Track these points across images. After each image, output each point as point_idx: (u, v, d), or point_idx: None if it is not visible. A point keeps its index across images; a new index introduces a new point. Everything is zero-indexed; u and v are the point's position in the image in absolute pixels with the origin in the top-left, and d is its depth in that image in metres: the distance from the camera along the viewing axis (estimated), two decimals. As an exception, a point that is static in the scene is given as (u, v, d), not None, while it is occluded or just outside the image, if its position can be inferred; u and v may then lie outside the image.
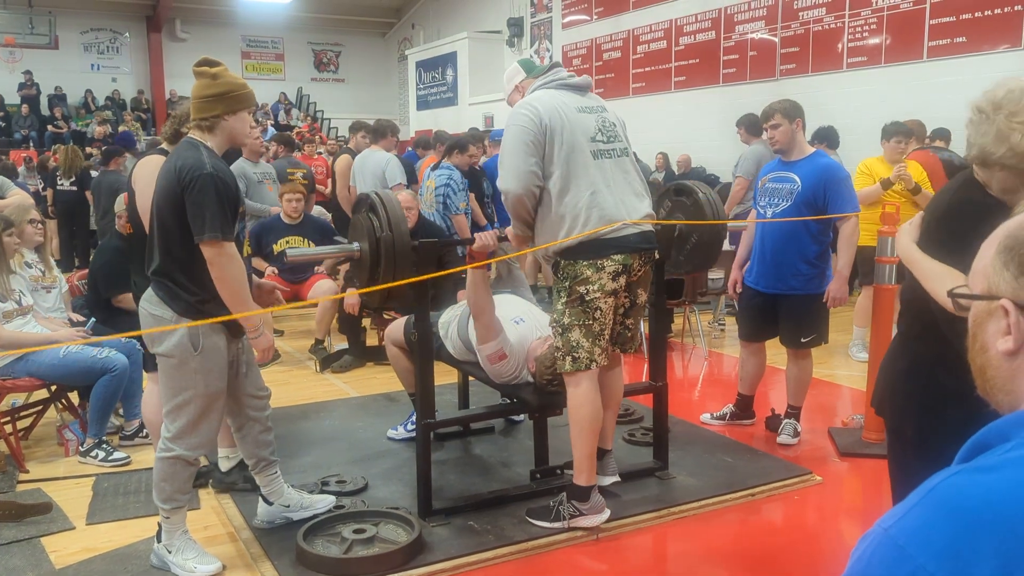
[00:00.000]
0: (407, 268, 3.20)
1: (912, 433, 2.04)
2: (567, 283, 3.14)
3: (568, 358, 3.17)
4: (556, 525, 3.25)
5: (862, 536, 0.80)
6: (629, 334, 3.42)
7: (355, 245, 3.35)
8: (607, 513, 3.28)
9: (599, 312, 3.13)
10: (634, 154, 3.40)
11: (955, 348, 0.96)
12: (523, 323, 3.68)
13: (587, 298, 3.11)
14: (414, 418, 4.29)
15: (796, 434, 4.35)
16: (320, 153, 11.20)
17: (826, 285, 4.14)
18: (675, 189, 3.99)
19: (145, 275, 3.00)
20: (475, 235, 3.57)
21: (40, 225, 4.65)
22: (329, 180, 9.25)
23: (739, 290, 4.48)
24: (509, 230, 3.39)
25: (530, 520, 3.32)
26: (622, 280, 3.15)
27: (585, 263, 3.10)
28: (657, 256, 3.37)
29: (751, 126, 7.23)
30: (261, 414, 3.26)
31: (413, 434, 4.30)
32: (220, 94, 2.92)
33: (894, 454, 2.18)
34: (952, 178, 2.16)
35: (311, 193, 8.19)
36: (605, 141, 3.17)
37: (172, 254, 2.87)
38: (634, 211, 3.16)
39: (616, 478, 3.59)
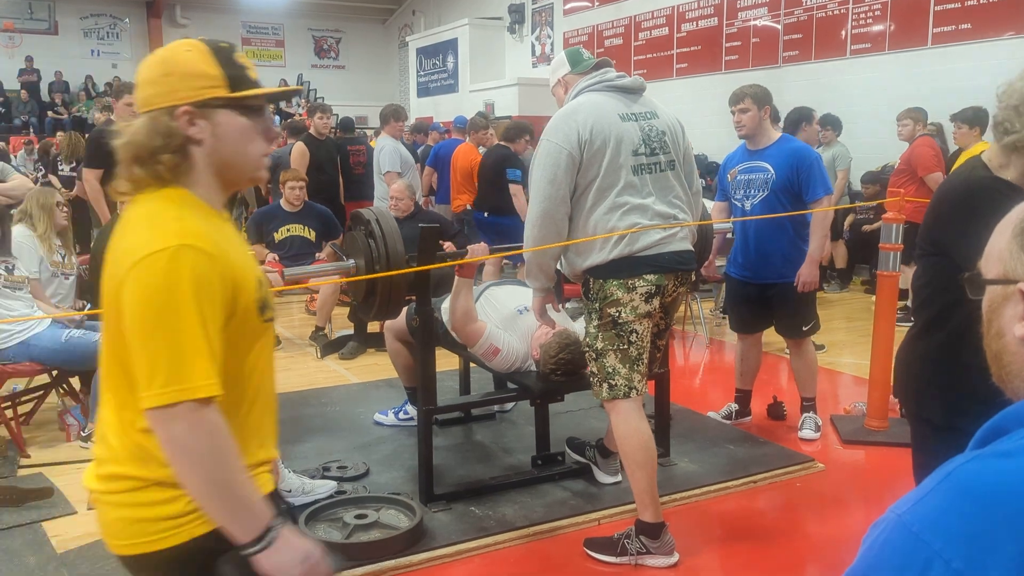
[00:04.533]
0: (402, 290, 3.25)
1: (937, 417, 2.02)
2: (597, 304, 2.92)
3: (604, 385, 2.94)
4: (621, 560, 2.98)
5: (874, 523, 0.79)
6: (658, 355, 3.24)
7: (351, 263, 3.42)
8: (676, 557, 3.01)
9: (635, 335, 2.90)
10: (690, 148, 3.15)
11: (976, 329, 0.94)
12: (527, 312, 3.65)
13: (619, 320, 2.88)
14: (406, 407, 4.30)
15: (818, 428, 4.27)
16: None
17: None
18: None
19: None
20: (469, 247, 3.57)
21: (66, 208, 4.65)
22: None
23: (715, 270, 4.61)
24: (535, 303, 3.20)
25: (589, 552, 3.05)
26: (656, 302, 2.91)
27: (615, 283, 2.86)
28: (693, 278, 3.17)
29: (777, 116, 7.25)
30: None
31: (400, 422, 4.33)
32: None
33: (918, 439, 2.16)
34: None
35: None
36: (648, 154, 2.90)
37: None
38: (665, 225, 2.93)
39: (618, 478, 3.56)
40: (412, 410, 4.23)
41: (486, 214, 7.05)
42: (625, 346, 2.91)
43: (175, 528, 1.35)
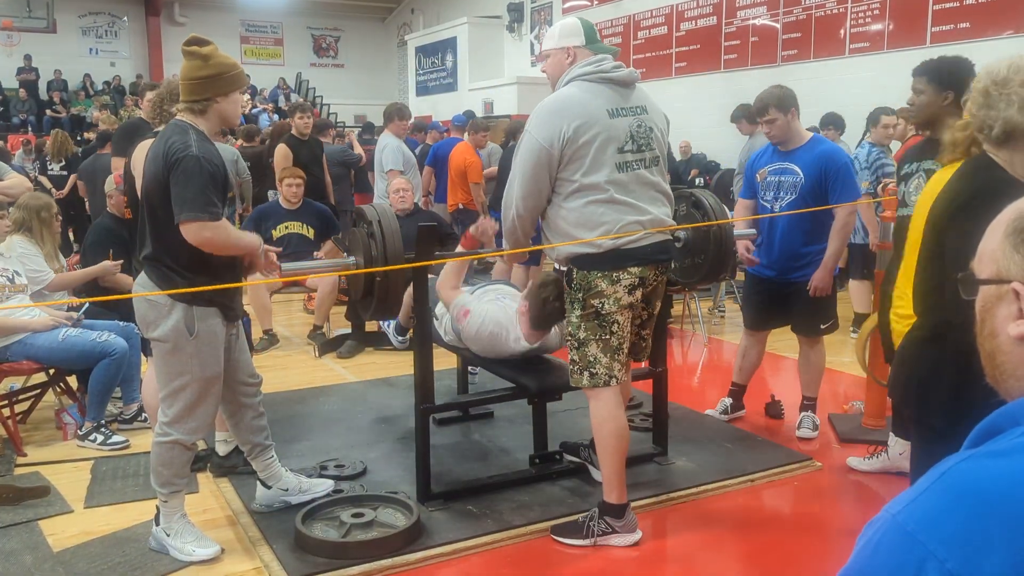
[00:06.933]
0: (401, 286, 3.26)
1: (942, 422, 2.00)
2: (580, 295, 2.98)
3: (585, 373, 3.02)
4: (586, 543, 3.07)
5: (869, 522, 0.78)
6: (644, 344, 3.29)
7: (351, 259, 3.40)
8: (639, 534, 3.12)
9: (616, 326, 2.97)
10: (668, 145, 3.20)
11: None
12: (505, 299, 3.71)
13: (603, 311, 2.95)
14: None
15: (816, 427, 4.25)
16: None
17: (836, 268, 4.12)
18: (694, 202, 3.75)
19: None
20: (477, 223, 3.53)
21: (60, 215, 4.64)
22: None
23: (751, 251, 4.25)
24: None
25: (556, 538, 3.13)
26: (638, 294, 2.99)
27: (600, 275, 2.93)
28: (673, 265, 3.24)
29: (751, 117, 7.14)
30: (253, 400, 3.25)
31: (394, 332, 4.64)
32: (212, 76, 2.88)
33: (919, 444, 2.15)
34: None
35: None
36: (635, 150, 2.94)
37: (163, 239, 2.84)
38: (651, 223, 2.98)
39: None
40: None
41: None
42: (607, 336, 2.98)
43: None
